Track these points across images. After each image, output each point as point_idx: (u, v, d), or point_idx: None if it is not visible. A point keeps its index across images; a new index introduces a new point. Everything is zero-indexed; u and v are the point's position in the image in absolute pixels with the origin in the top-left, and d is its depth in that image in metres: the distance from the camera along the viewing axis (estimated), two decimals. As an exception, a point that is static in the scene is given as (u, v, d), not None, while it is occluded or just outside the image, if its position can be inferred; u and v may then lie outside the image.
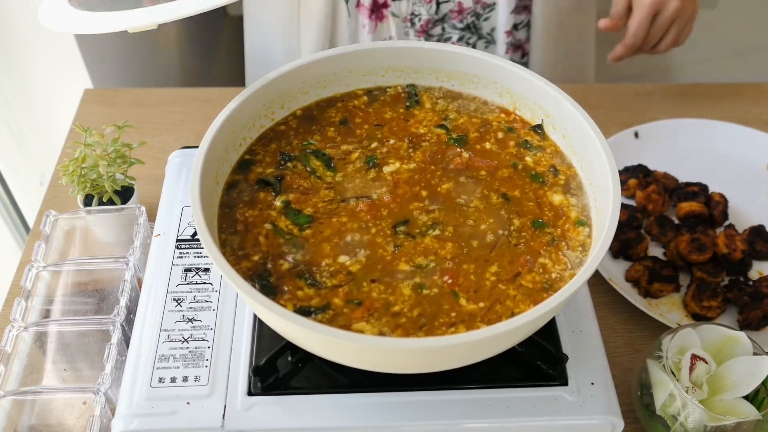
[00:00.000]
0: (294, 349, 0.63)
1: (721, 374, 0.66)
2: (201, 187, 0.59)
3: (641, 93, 1.12)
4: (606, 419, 0.61)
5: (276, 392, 0.62)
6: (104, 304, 0.76)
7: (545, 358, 0.63)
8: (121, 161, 0.85)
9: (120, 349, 0.70)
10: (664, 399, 0.65)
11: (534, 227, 0.63)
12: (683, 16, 0.99)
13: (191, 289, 0.68)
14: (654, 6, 0.97)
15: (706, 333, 0.68)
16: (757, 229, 0.88)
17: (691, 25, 1.02)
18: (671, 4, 0.97)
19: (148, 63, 1.46)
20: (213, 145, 0.62)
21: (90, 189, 0.85)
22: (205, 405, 0.61)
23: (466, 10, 1.09)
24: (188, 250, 0.71)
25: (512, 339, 0.58)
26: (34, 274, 0.76)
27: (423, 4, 1.07)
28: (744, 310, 0.80)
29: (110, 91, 1.14)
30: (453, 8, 1.09)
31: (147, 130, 1.04)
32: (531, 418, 0.61)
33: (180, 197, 0.76)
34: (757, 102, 1.12)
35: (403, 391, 0.62)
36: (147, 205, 0.84)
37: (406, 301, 0.58)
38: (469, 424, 0.61)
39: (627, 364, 0.78)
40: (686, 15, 0.99)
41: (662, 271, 0.83)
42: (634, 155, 1.00)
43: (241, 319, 0.66)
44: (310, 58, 0.70)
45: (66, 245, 0.81)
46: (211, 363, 0.63)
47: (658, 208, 0.91)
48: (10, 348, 0.70)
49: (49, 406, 0.69)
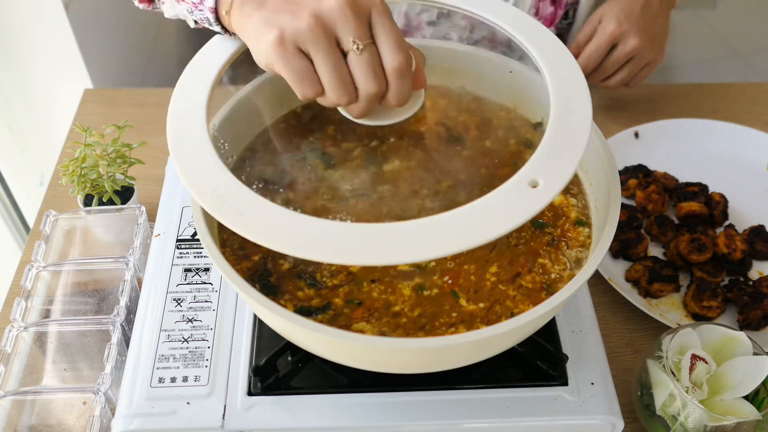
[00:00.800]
0: (294, 349, 0.63)
1: (721, 374, 0.66)
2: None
3: (641, 93, 1.12)
4: (606, 419, 0.61)
5: (276, 392, 0.62)
6: (104, 304, 0.76)
7: (545, 358, 0.63)
8: (121, 161, 0.85)
9: (120, 349, 0.70)
10: (664, 399, 0.65)
11: (534, 227, 0.63)
12: (641, 57, 0.98)
13: (191, 289, 0.68)
14: (613, 36, 0.96)
15: (706, 333, 0.68)
16: (757, 229, 0.88)
17: (648, 72, 1.01)
18: (630, 41, 0.96)
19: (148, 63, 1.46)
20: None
21: (90, 189, 0.85)
22: (205, 405, 0.61)
23: (499, 40, 1.08)
24: (188, 250, 0.71)
25: (512, 339, 0.58)
26: (34, 274, 0.76)
27: (457, 29, 1.06)
28: (744, 310, 0.80)
29: (110, 91, 1.14)
30: (486, 35, 1.08)
31: (147, 130, 1.04)
32: (531, 418, 0.61)
33: (180, 197, 0.76)
34: (757, 102, 1.12)
35: (403, 391, 0.62)
36: (147, 205, 0.84)
37: (406, 302, 0.58)
38: (469, 424, 0.61)
39: (627, 364, 0.78)
40: (645, 58, 0.98)
41: (662, 271, 0.83)
42: (634, 155, 1.00)
43: (241, 319, 0.66)
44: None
45: (66, 245, 0.81)
46: (211, 363, 0.63)
47: (658, 208, 0.91)
48: (10, 348, 0.70)
49: (49, 406, 0.69)
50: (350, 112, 0.58)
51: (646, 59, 0.99)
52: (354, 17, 0.53)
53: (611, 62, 0.99)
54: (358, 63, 0.54)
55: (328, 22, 0.53)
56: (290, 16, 0.54)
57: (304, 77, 0.54)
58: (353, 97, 0.55)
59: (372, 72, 0.54)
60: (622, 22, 0.96)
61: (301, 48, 0.54)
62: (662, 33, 1.01)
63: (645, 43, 0.97)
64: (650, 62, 1.00)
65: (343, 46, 0.54)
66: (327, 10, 0.53)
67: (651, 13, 0.99)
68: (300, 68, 0.54)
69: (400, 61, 0.54)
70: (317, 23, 0.53)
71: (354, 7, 0.54)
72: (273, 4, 0.56)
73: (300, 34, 0.53)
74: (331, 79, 0.54)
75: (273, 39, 0.54)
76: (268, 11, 0.56)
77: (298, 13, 0.54)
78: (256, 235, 0.49)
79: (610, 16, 0.97)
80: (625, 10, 0.97)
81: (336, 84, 0.54)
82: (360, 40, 0.54)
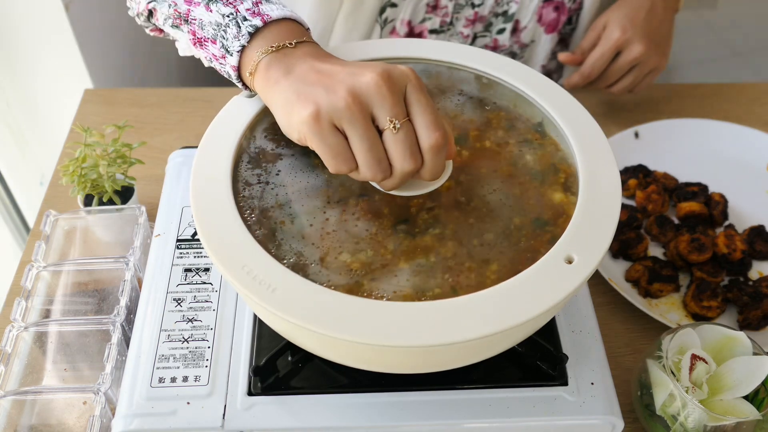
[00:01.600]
0: (294, 349, 0.64)
1: (721, 374, 0.66)
2: (201, 187, 0.59)
3: (641, 93, 1.12)
4: (606, 419, 0.61)
5: (276, 392, 0.62)
6: (104, 304, 0.76)
7: (545, 358, 0.63)
8: (121, 161, 0.85)
9: (120, 349, 0.70)
10: (664, 399, 0.65)
11: (534, 225, 0.63)
12: (645, 64, 0.98)
13: (191, 289, 0.68)
14: (618, 43, 0.96)
15: (706, 333, 0.69)
16: (757, 229, 0.88)
17: (651, 79, 1.01)
18: (635, 48, 0.96)
19: (148, 63, 1.46)
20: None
21: (90, 189, 0.85)
22: (205, 405, 0.61)
23: (501, 48, 1.08)
24: (188, 250, 0.71)
25: (512, 339, 0.58)
26: (34, 274, 0.76)
27: (460, 38, 1.06)
28: (744, 310, 0.80)
29: (110, 91, 1.14)
30: (488, 43, 1.08)
31: (147, 130, 1.04)
32: (531, 418, 0.61)
33: (180, 197, 0.76)
34: (757, 102, 1.12)
35: (403, 391, 0.62)
36: (147, 205, 0.84)
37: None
38: (469, 424, 0.61)
39: (627, 364, 0.78)
40: (649, 65, 0.98)
41: (662, 271, 0.83)
42: (634, 155, 1.00)
43: (241, 319, 0.66)
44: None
45: (66, 245, 0.81)
46: (211, 363, 0.63)
47: (658, 208, 0.91)
48: (10, 348, 0.70)
49: (49, 406, 0.69)
50: (382, 186, 0.57)
51: (650, 65, 0.98)
52: (390, 95, 0.53)
53: (616, 69, 0.98)
54: (395, 142, 0.53)
55: (365, 100, 0.53)
56: (325, 92, 0.53)
57: (338, 155, 0.54)
58: (388, 174, 0.55)
59: (408, 151, 0.53)
60: (627, 29, 0.96)
61: (336, 125, 0.53)
62: (666, 39, 1.01)
63: (650, 50, 0.97)
64: (655, 68, 0.99)
65: (379, 124, 0.53)
66: (365, 88, 0.53)
67: (655, 19, 0.98)
68: (335, 146, 0.53)
69: (437, 139, 0.53)
70: (354, 101, 0.52)
71: (390, 84, 0.53)
72: (302, 73, 0.55)
73: (337, 112, 0.52)
74: (366, 159, 0.53)
75: (308, 115, 0.53)
76: (298, 82, 0.55)
77: (334, 89, 0.53)
78: (290, 314, 0.50)
79: (615, 23, 0.97)
80: (630, 16, 0.97)
81: (372, 163, 0.53)
82: (397, 119, 0.53)
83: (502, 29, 1.06)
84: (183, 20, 0.64)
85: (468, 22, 1.04)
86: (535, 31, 1.07)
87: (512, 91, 0.69)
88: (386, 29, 1.06)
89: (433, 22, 1.04)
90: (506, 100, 0.69)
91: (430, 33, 1.06)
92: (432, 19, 1.04)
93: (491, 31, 1.07)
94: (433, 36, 1.06)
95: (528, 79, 0.69)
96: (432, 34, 1.06)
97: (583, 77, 0.99)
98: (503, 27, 1.06)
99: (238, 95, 0.66)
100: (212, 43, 0.61)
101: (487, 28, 1.06)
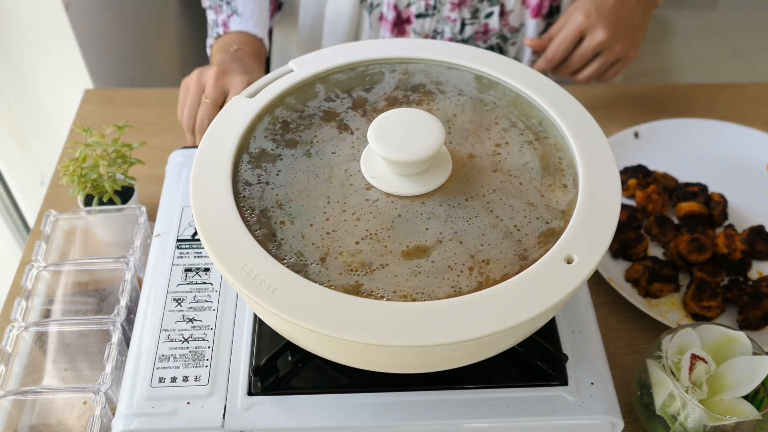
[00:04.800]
0: (294, 349, 0.64)
1: (721, 374, 0.66)
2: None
3: (641, 93, 1.12)
4: (606, 419, 0.61)
5: (276, 392, 0.62)
6: (104, 304, 0.76)
7: (545, 358, 0.63)
8: (121, 161, 0.85)
9: (120, 349, 0.70)
10: (664, 399, 0.65)
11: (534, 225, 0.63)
12: (609, 51, 0.97)
13: (191, 289, 0.68)
14: (580, 28, 0.95)
15: (706, 333, 0.69)
16: (757, 229, 0.88)
17: (619, 68, 1.00)
18: (597, 34, 0.95)
19: (148, 63, 1.46)
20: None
21: (90, 189, 0.85)
22: (205, 405, 0.61)
23: (492, 32, 1.08)
24: (188, 250, 0.71)
25: (512, 338, 0.58)
26: (34, 274, 0.76)
27: (447, 22, 1.06)
28: (744, 310, 0.80)
29: (110, 91, 1.14)
30: (478, 29, 1.08)
31: (147, 130, 1.04)
32: (531, 418, 0.61)
33: (180, 197, 0.76)
34: (757, 102, 1.12)
35: (403, 391, 0.62)
36: (147, 205, 0.84)
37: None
38: (469, 424, 0.61)
39: (627, 364, 0.78)
40: (613, 52, 0.97)
41: (662, 271, 0.83)
42: (634, 155, 1.00)
43: (241, 319, 0.66)
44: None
45: (66, 245, 0.81)
46: (211, 363, 0.63)
47: (658, 208, 0.91)
48: (11, 348, 0.70)
49: (49, 406, 0.69)
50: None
51: (615, 54, 0.97)
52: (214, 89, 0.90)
53: (578, 55, 0.97)
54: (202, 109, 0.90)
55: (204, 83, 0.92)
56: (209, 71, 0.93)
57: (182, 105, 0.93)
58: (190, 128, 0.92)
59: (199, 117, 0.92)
60: (591, 14, 0.95)
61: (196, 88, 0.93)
62: (636, 29, 0.99)
63: (614, 38, 0.96)
64: (622, 57, 0.98)
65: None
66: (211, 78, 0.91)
67: (625, 7, 0.97)
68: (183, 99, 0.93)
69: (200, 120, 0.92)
70: (199, 81, 0.92)
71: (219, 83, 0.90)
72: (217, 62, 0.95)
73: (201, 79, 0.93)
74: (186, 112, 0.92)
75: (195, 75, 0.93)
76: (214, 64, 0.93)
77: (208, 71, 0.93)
78: (290, 314, 0.51)
79: (580, 8, 0.96)
80: (596, 2, 0.96)
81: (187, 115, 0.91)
82: (208, 98, 0.89)
83: (490, 13, 1.07)
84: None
85: (453, 6, 1.05)
86: (521, 14, 1.08)
87: (512, 91, 0.69)
88: (374, 14, 1.07)
89: (418, 6, 1.05)
90: (506, 100, 0.69)
91: (417, 18, 1.06)
92: (416, 4, 1.05)
93: (479, 18, 1.07)
94: (420, 20, 1.07)
95: (528, 79, 0.69)
96: (419, 18, 1.06)
97: (547, 61, 0.99)
98: (491, 11, 1.07)
99: (238, 95, 0.66)
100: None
101: (474, 15, 1.07)
